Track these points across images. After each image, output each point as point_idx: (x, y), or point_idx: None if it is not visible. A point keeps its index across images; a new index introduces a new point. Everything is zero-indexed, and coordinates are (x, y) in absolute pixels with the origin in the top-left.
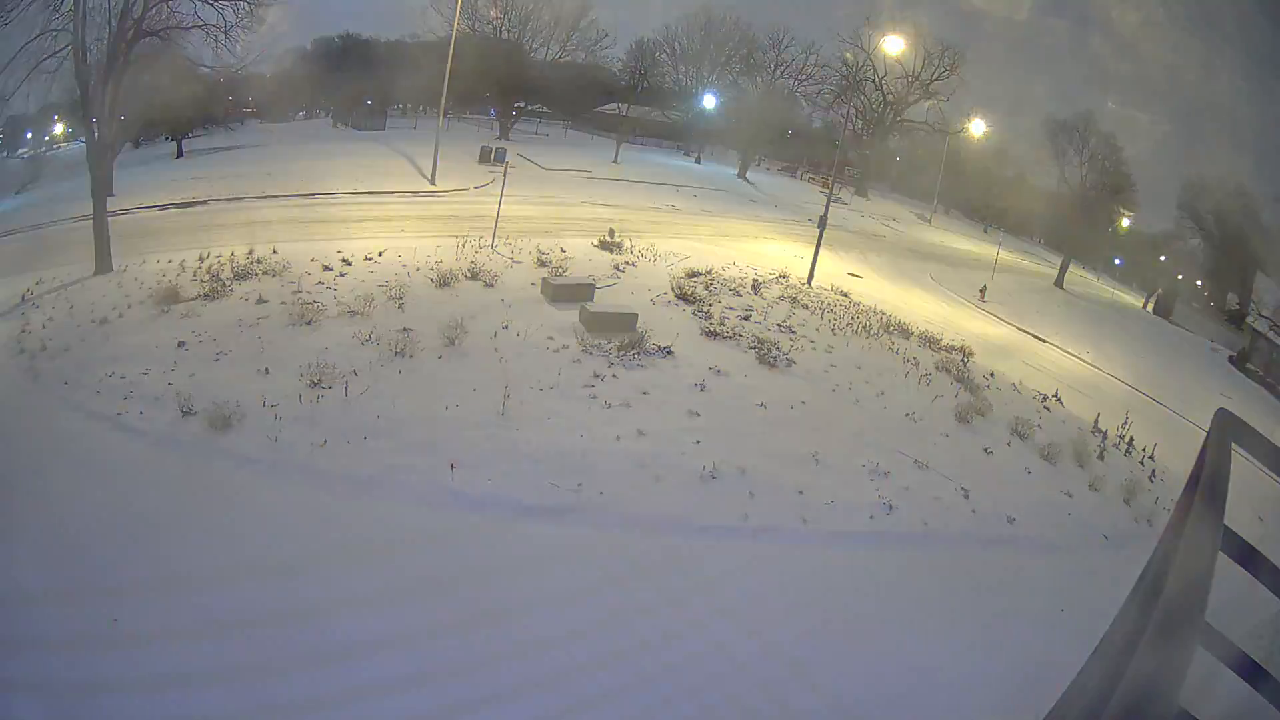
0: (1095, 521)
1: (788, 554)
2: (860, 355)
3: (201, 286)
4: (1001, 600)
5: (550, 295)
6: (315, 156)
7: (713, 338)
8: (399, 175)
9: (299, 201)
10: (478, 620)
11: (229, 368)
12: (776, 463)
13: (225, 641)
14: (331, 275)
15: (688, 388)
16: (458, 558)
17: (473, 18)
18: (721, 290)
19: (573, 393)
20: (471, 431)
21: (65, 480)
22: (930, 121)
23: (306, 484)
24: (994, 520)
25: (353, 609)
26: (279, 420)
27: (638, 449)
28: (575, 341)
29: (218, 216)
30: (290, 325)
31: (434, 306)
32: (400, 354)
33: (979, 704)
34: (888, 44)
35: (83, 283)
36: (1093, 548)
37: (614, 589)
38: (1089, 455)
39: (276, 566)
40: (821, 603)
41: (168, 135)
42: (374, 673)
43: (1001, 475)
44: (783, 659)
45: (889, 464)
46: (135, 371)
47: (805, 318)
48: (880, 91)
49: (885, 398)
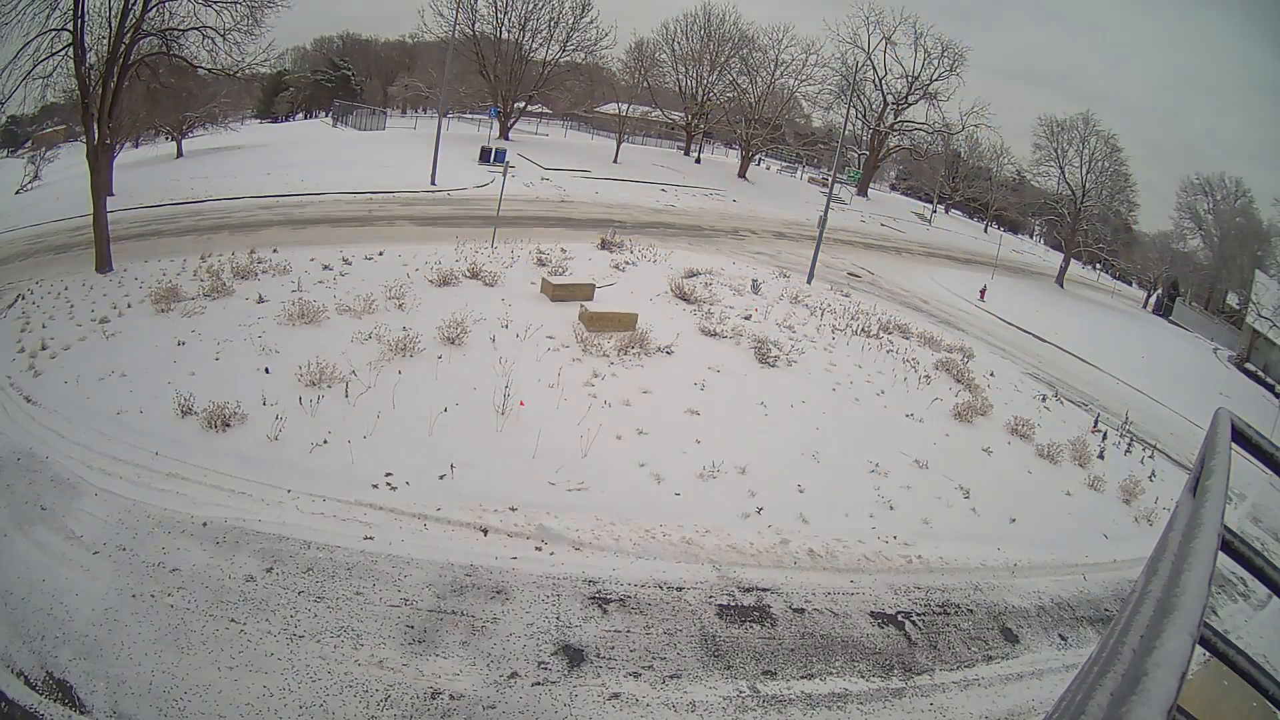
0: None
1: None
2: (860, 354)
3: (202, 285)
4: None
5: (550, 294)
6: (315, 156)
7: (712, 337)
8: (399, 175)
9: (299, 201)
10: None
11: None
12: (777, 461)
13: None
14: (331, 274)
15: (688, 386)
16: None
17: (473, 18)
18: (721, 289)
19: (573, 392)
20: (471, 430)
21: None
22: (930, 121)
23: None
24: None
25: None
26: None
27: (638, 448)
28: (575, 340)
29: (218, 217)
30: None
31: (434, 305)
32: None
33: None
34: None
35: (83, 281)
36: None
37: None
38: (1089, 455)
39: None
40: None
41: (168, 135)
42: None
43: (1001, 475)
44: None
45: (889, 463)
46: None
47: (805, 317)
48: (880, 92)
49: (885, 396)
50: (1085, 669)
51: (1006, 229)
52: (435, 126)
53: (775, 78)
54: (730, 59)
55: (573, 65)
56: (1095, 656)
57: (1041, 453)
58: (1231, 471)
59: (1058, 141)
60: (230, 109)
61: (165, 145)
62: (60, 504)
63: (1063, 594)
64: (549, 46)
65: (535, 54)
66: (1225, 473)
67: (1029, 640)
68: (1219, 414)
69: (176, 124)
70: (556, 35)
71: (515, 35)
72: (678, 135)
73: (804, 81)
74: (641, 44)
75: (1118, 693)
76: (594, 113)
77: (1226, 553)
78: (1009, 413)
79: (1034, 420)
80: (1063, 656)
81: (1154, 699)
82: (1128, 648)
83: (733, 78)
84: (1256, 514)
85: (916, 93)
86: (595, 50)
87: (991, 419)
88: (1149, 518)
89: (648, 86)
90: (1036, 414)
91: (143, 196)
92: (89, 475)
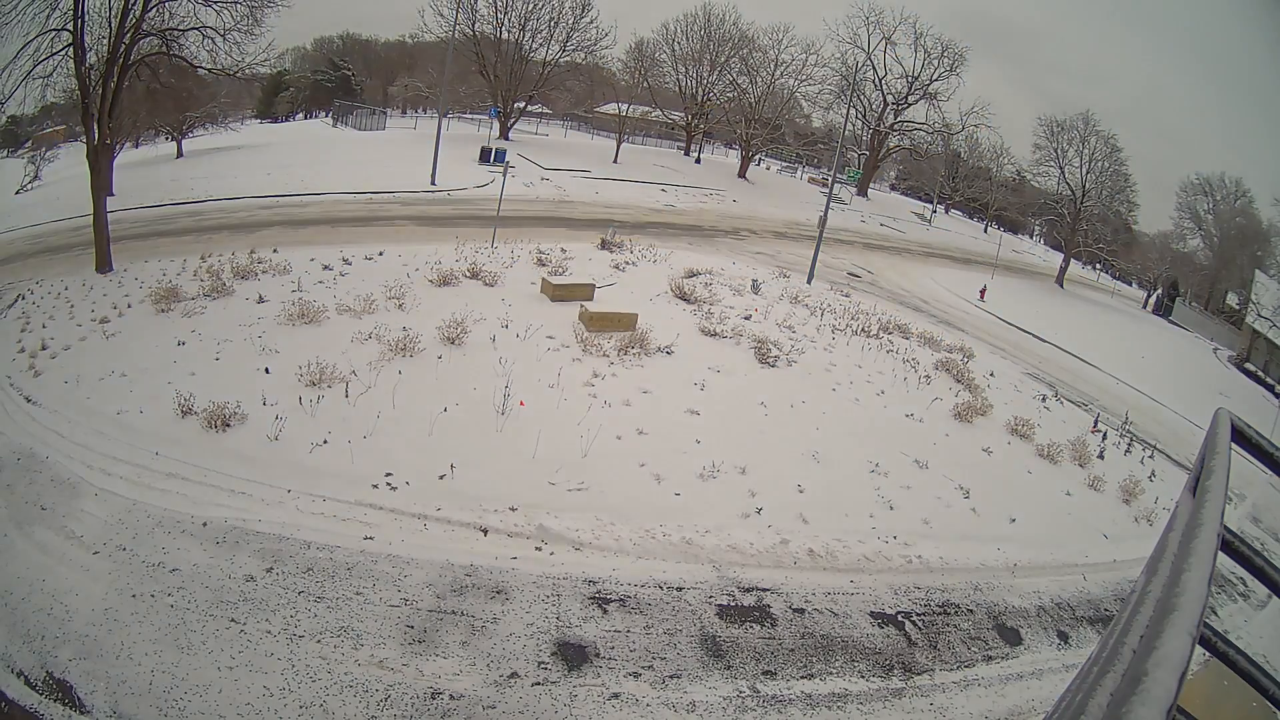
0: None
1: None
2: (860, 354)
3: (202, 285)
4: None
5: (551, 294)
6: (315, 157)
7: (712, 337)
8: (399, 175)
9: (299, 201)
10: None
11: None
12: (777, 461)
13: None
14: (331, 274)
15: (688, 386)
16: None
17: (473, 18)
18: (721, 289)
19: (573, 391)
20: (471, 430)
21: None
22: (930, 121)
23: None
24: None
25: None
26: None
27: (638, 448)
28: (575, 340)
29: (218, 217)
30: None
31: (434, 305)
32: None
33: None
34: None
35: (83, 281)
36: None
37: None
38: (1089, 455)
39: None
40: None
41: (168, 135)
42: None
43: (1001, 475)
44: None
45: (889, 463)
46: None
47: (805, 317)
48: (880, 92)
49: (885, 396)
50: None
51: (1006, 229)
52: (435, 126)
53: (775, 78)
54: (730, 59)
55: (573, 65)
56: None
57: (1041, 453)
58: (1231, 471)
59: (1058, 141)
60: (230, 109)
61: (165, 145)
62: (60, 504)
63: (1063, 594)
64: (549, 46)
65: (535, 54)
66: (1225, 473)
67: (1029, 640)
68: (1219, 414)
69: (176, 124)
70: (556, 35)
71: (515, 35)
72: (678, 135)
73: (804, 81)
74: (641, 44)
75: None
76: (594, 113)
77: (1226, 553)
78: (1009, 413)
79: (1034, 420)
80: (1063, 656)
81: (1154, 699)
82: (1128, 648)
83: (733, 78)
84: (1256, 514)
85: (916, 93)
86: (595, 50)
87: (991, 419)
88: (1149, 518)
89: (648, 86)
90: (1036, 414)
91: (143, 197)
92: (89, 475)
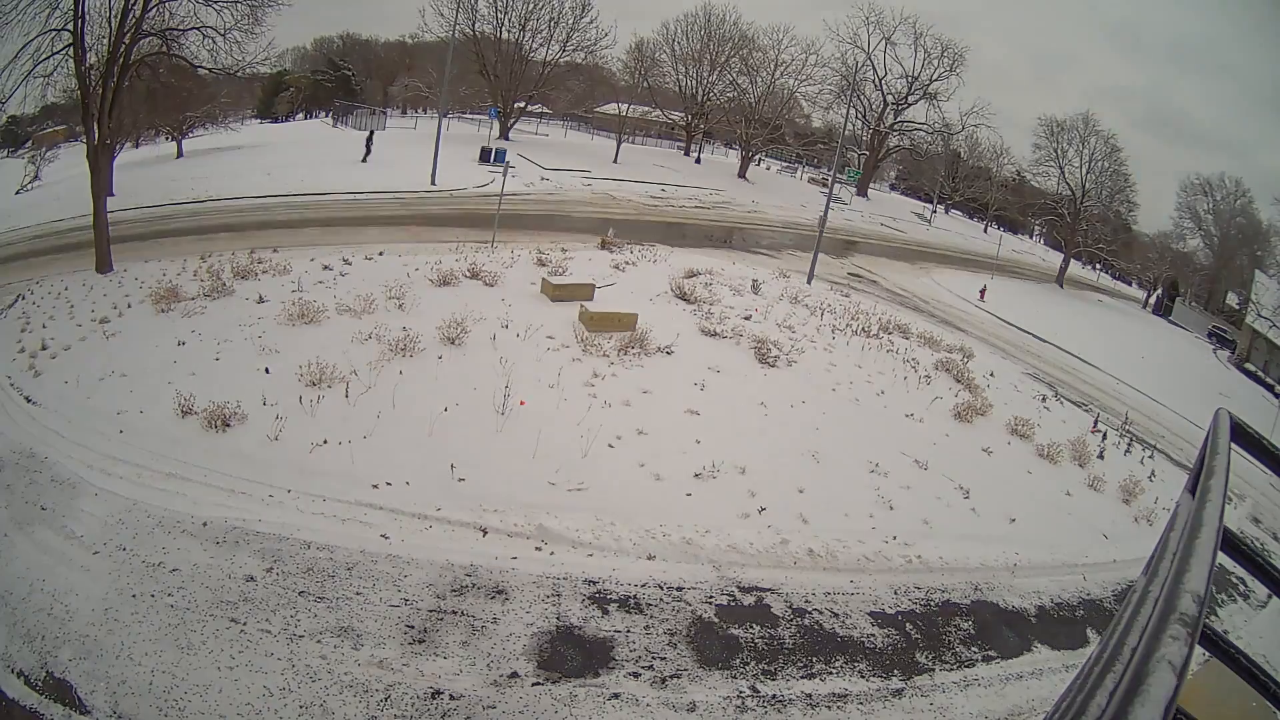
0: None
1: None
2: (860, 354)
3: (202, 285)
4: None
5: (550, 294)
6: (315, 156)
7: (712, 337)
8: (399, 175)
9: (299, 201)
10: None
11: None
12: (777, 461)
13: None
14: (331, 274)
15: (688, 386)
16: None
17: (473, 18)
18: (721, 290)
19: (573, 391)
20: (471, 430)
21: None
22: (930, 121)
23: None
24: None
25: None
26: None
27: (638, 448)
28: (575, 340)
29: (218, 217)
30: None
31: (434, 305)
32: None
33: None
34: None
35: (83, 281)
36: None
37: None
38: (1088, 455)
39: None
40: None
41: (168, 135)
42: None
43: (1001, 475)
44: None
45: (889, 463)
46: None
47: (805, 317)
48: (880, 92)
49: (885, 396)
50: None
51: (1006, 229)
52: (435, 126)
53: (775, 78)
54: (730, 59)
55: (573, 65)
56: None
57: (1041, 453)
58: (1231, 471)
59: (1057, 141)
60: (230, 109)
61: (165, 145)
62: (60, 504)
63: (1063, 594)
64: (549, 46)
65: (535, 54)
66: (1225, 473)
67: (1029, 640)
68: (1219, 414)
69: (177, 124)
70: (556, 35)
71: (515, 35)
72: (678, 135)
73: (804, 81)
74: (641, 44)
75: (1117, 693)
76: (594, 113)
77: (1226, 553)
78: (1009, 413)
79: (1034, 420)
80: (1063, 656)
81: (1154, 699)
82: (1128, 648)
83: (733, 78)
84: (1256, 514)
85: (916, 93)
86: (595, 50)
87: (991, 419)
88: (1149, 518)
89: (648, 86)
90: (1036, 414)
91: (143, 196)
92: (89, 475)
